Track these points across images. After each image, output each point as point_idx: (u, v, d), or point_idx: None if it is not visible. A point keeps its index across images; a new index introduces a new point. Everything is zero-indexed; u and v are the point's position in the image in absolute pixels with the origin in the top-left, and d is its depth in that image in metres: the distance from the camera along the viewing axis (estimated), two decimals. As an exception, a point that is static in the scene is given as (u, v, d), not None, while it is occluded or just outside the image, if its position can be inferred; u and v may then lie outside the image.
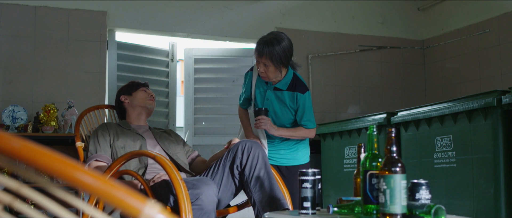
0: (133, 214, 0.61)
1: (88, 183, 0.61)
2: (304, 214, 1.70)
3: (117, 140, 2.50)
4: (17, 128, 3.78)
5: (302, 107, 2.84)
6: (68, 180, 0.62)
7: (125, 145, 2.48)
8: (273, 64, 2.71)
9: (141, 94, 2.71)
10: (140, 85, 2.76)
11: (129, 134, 2.56)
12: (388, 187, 1.48)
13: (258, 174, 2.25)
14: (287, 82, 2.85)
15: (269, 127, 2.78)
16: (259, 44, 2.74)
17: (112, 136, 2.51)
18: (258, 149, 2.32)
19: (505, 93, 2.84)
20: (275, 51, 2.69)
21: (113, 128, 2.57)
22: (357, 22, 5.10)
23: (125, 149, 2.45)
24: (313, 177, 1.71)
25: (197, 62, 4.70)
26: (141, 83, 2.79)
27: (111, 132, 2.53)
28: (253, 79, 2.93)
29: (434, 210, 1.46)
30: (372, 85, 5.10)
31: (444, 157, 3.18)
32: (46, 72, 4.10)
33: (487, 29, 4.55)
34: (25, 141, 0.61)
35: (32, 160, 0.61)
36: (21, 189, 0.65)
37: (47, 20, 4.14)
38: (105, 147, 2.47)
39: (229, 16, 4.68)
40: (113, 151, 2.47)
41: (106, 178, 0.62)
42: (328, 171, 4.24)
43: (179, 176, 1.89)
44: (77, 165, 0.62)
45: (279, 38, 2.73)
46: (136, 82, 2.79)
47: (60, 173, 0.61)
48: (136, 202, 0.60)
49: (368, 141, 1.63)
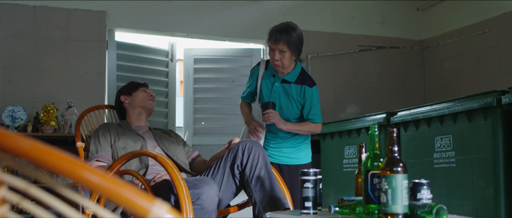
0: (141, 213, 0.61)
1: (97, 182, 0.61)
2: (305, 214, 1.71)
3: (118, 141, 2.49)
4: (17, 128, 3.77)
5: (309, 101, 2.85)
6: (76, 179, 0.62)
7: (126, 146, 2.47)
8: (289, 49, 2.74)
9: (141, 94, 2.71)
10: (139, 85, 2.75)
11: (129, 134, 2.56)
12: (389, 187, 1.49)
13: (258, 174, 2.25)
14: (295, 75, 2.87)
15: (277, 121, 2.77)
16: (274, 32, 2.75)
17: (113, 136, 2.51)
18: (258, 149, 2.32)
19: (504, 93, 2.84)
20: (291, 37, 2.73)
21: (114, 129, 2.56)
22: (357, 22, 5.11)
23: (125, 150, 2.45)
24: (314, 177, 1.71)
25: (197, 62, 4.70)
26: (141, 83, 2.78)
27: (112, 132, 2.53)
28: (260, 73, 2.93)
29: (436, 210, 1.47)
30: (372, 85, 5.11)
31: (444, 157, 3.19)
32: (46, 72, 4.10)
33: (486, 29, 4.56)
34: (33, 141, 0.62)
35: (40, 160, 0.62)
36: (29, 189, 0.65)
37: (47, 20, 4.14)
38: (106, 147, 2.47)
39: (229, 16, 4.68)
40: (113, 151, 2.47)
41: (114, 178, 0.62)
42: (327, 171, 4.25)
43: (180, 175, 1.89)
44: (85, 164, 0.62)
45: (293, 25, 2.80)
46: (135, 82, 2.78)
47: (69, 172, 0.61)
48: (144, 202, 0.61)
49: (369, 141, 1.63)
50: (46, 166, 0.61)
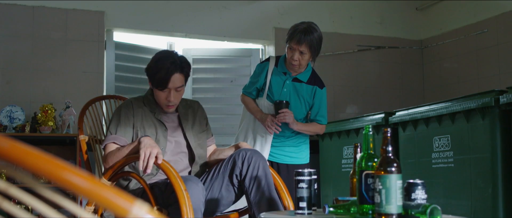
0: (121, 214, 0.60)
1: (76, 183, 0.60)
2: (300, 214, 1.70)
3: (139, 124, 2.32)
4: (15, 128, 3.77)
5: (318, 102, 2.86)
6: (56, 180, 0.61)
7: (145, 133, 2.30)
8: (310, 51, 2.74)
9: (160, 95, 2.34)
10: (163, 85, 2.29)
11: (151, 119, 2.36)
12: (383, 187, 1.48)
13: (258, 185, 2.19)
14: (307, 75, 2.88)
15: (292, 121, 2.76)
16: (298, 33, 2.71)
17: (136, 117, 2.33)
18: (259, 159, 2.25)
19: (502, 93, 2.83)
20: (314, 39, 2.72)
21: (139, 109, 2.35)
22: (355, 22, 5.10)
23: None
24: (309, 177, 1.70)
25: (195, 62, 4.69)
26: (167, 80, 2.27)
27: (135, 112, 2.34)
28: (270, 69, 2.90)
29: (430, 210, 1.46)
30: (371, 85, 5.10)
31: (442, 157, 3.18)
32: (44, 72, 4.10)
33: (485, 29, 4.55)
34: (13, 141, 0.61)
35: (20, 160, 0.61)
36: (9, 189, 0.65)
37: (45, 20, 4.14)
38: (127, 128, 2.29)
39: (227, 16, 4.67)
40: (134, 133, 2.31)
41: (94, 178, 0.61)
42: (326, 171, 4.24)
43: (184, 186, 1.88)
44: (65, 165, 0.62)
45: (314, 26, 2.77)
46: (161, 79, 2.28)
47: (48, 173, 0.61)
48: (124, 202, 0.60)
49: (363, 141, 1.63)
50: (26, 167, 0.61)
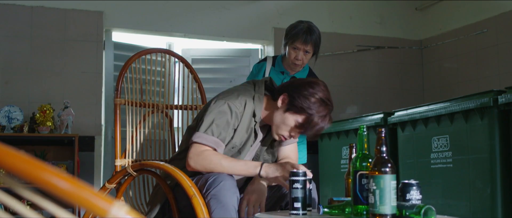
0: (100, 214, 0.60)
1: (55, 184, 0.60)
2: (294, 215, 1.69)
3: (236, 134, 2.05)
4: (13, 129, 3.77)
5: None
6: (35, 181, 0.61)
7: (235, 146, 2.06)
8: (313, 50, 2.78)
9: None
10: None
11: (247, 131, 2.06)
12: (377, 187, 1.47)
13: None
14: (305, 74, 2.91)
15: None
16: (303, 33, 2.72)
17: (237, 125, 2.04)
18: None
19: (501, 93, 2.82)
20: (317, 38, 2.77)
21: (243, 118, 2.04)
22: (355, 22, 5.09)
23: (233, 150, 2.04)
24: (303, 178, 1.70)
25: (194, 63, 4.68)
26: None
27: (239, 120, 2.04)
28: (267, 69, 2.92)
29: (424, 210, 1.45)
30: (370, 85, 5.09)
31: (441, 157, 3.17)
32: (43, 72, 4.10)
33: (485, 29, 4.53)
34: (-9, 141, 0.61)
35: (-2, 161, 0.60)
36: None
37: (44, 20, 4.14)
38: (225, 133, 2.00)
39: (226, 16, 4.67)
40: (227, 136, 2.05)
41: (73, 179, 0.61)
42: (325, 171, 4.23)
43: (206, 209, 1.77)
44: (44, 166, 0.61)
45: (314, 26, 2.80)
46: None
47: (27, 173, 0.60)
48: (102, 202, 0.59)
49: (358, 141, 1.62)
50: (4, 167, 0.60)
